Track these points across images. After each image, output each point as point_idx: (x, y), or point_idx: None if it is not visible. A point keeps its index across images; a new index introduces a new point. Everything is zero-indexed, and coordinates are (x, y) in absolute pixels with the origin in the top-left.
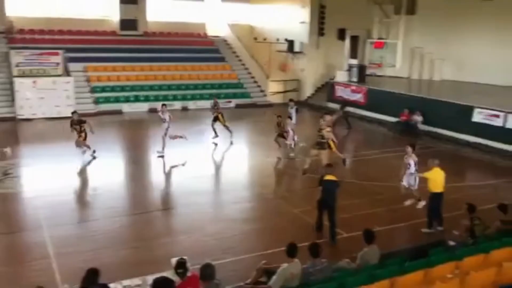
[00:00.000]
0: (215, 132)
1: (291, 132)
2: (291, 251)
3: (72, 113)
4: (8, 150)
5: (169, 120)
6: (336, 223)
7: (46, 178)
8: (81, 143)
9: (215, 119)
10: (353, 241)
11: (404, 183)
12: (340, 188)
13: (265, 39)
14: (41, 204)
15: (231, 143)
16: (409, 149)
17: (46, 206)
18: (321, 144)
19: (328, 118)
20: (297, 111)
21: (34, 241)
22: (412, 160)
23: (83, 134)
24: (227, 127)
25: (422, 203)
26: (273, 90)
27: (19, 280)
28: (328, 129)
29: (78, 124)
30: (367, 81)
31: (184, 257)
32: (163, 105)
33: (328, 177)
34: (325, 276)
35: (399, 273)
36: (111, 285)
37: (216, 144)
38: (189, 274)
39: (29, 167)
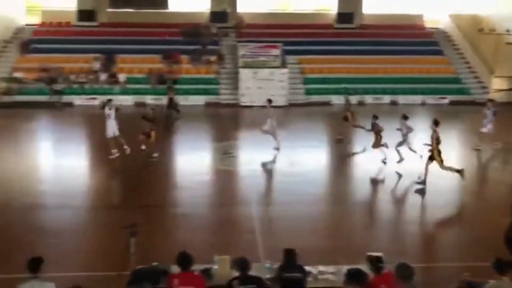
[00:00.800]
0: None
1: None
2: (501, 267)
3: (152, 108)
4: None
5: (271, 116)
6: None
7: (261, 159)
8: (151, 144)
9: (345, 118)
10: None
11: None
12: None
13: (494, 31)
14: (253, 182)
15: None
16: None
17: (257, 184)
18: None
19: None
20: (494, 113)
21: (244, 215)
22: None
23: (153, 133)
24: (358, 127)
25: None
26: (498, 87)
27: (226, 249)
28: None
29: (151, 122)
30: None
31: (380, 253)
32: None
33: None
34: None
35: None
36: (307, 267)
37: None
38: (385, 271)
39: (245, 148)
